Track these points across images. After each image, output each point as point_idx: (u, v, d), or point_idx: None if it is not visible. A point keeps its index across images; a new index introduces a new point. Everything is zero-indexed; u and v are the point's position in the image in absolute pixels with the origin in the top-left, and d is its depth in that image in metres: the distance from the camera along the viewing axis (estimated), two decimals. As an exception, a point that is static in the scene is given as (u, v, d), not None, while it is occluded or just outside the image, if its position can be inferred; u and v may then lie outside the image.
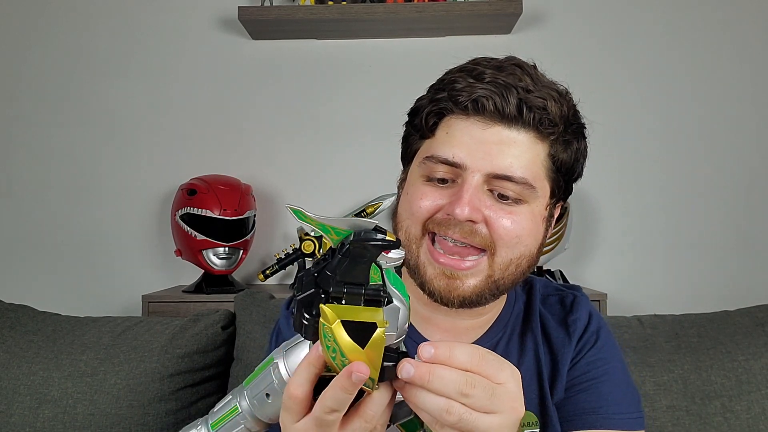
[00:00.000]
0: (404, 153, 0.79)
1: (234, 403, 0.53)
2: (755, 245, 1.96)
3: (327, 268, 0.45)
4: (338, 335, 0.43)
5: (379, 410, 0.47)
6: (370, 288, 0.45)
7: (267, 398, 0.51)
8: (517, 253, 0.71)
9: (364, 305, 0.45)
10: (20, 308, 1.25)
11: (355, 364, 0.43)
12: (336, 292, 0.45)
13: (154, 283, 1.95)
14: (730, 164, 1.96)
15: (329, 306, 0.44)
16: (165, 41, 2.01)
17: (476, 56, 0.77)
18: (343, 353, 0.43)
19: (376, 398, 0.47)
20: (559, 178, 0.74)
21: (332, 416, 0.47)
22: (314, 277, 0.46)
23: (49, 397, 1.10)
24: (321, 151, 2.00)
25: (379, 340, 0.44)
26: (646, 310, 1.83)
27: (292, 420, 0.48)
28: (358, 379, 0.43)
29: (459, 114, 0.70)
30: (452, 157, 0.69)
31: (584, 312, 0.82)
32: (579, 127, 0.75)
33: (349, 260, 0.44)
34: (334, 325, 0.43)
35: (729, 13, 1.97)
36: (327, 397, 0.46)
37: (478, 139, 0.68)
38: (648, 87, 1.97)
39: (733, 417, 1.09)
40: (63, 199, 2.01)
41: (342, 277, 0.45)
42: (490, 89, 0.68)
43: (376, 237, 0.45)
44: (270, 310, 1.23)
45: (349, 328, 0.44)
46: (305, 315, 0.46)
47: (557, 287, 0.87)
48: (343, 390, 0.44)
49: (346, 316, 0.44)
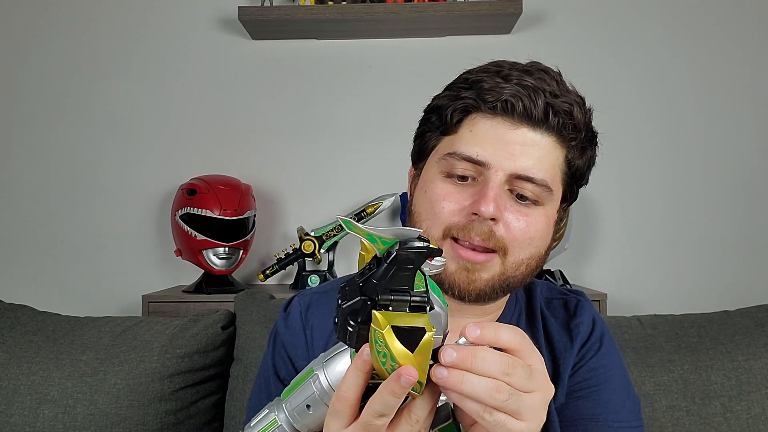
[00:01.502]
0: (419, 150, 0.79)
1: (272, 416, 0.54)
2: (755, 245, 1.96)
3: (373, 277, 0.47)
4: (389, 340, 0.44)
5: (424, 414, 0.48)
6: (415, 294, 0.46)
7: (308, 410, 0.52)
8: (528, 254, 0.72)
9: (409, 311, 0.46)
10: (20, 308, 1.25)
11: (404, 368, 0.44)
12: (383, 300, 0.46)
13: (154, 283, 1.95)
14: (730, 164, 1.96)
15: (380, 312, 0.45)
16: (165, 41, 2.01)
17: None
18: (393, 358, 0.44)
19: (421, 402, 0.48)
20: (572, 183, 0.75)
21: (380, 421, 0.47)
22: (359, 286, 0.47)
23: (49, 397, 1.10)
24: (321, 150, 2.00)
25: (428, 344, 0.45)
26: (646, 310, 1.83)
27: (340, 426, 0.49)
28: (408, 383, 0.44)
29: (486, 113, 0.70)
30: (476, 155, 0.69)
31: (587, 317, 0.82)
32: (594, 134, 0.76)
33: (395, 268, 0.46)
34: (385, 331, 0.44)
35: (729, 13, 1.97)
36: (376, 402, 0.46)
37: (503, 139, 0.69)
38: (648, 87, 1.97)
39: (733, 417, 1.09)
40: (63, 199, 2.01)
41: (388, 284, 0.46)
42: (519, 91, 0.68)
43: (421, 245, 0.46)
44: (270, 310, 1.23)
45: (398, 333, 0.45)
46: (351, 323, 0.47)
47: (561, 291, 0.87)
48: (392, 394, 0.45)
49: (396, 322, 0.45)
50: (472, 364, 0.46)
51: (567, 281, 1.78)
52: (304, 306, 0.83)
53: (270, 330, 0.87)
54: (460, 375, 0.46)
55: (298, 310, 0.83)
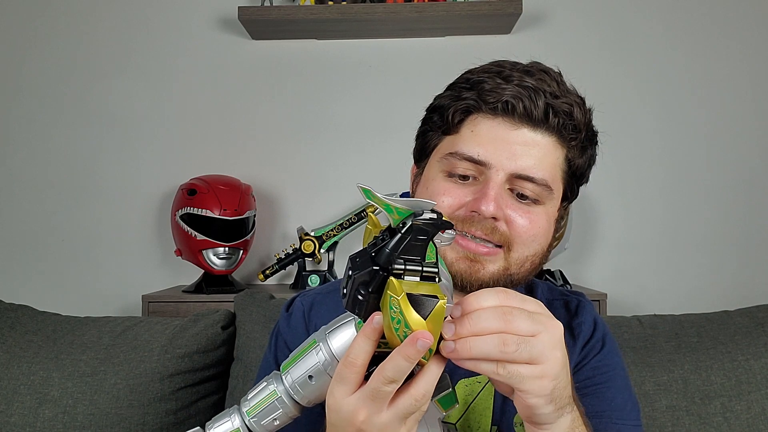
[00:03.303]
0: (420, 148, 0.79)
1: (271, 388, 0.54)
2: (755, 245, 1.96)
3: (386, 247, 0.48)
4: (404, 307, 0.45)
5: (430, 388, 0.49)
6: (427, 264, 0.48)
7: (310, 380, 0.52)
8: (532, 251, 0.73)
9: (421, 281, 0.47)
10: (20, 308, 1.25)
11: (420, 332, 0.45)
12: (397, 268, 0.47)
13: (154, 283, 1.95)
14: (730, 164, 1.96)
15: (396, 279, 0.47)
16: (165, 41, 2.01)
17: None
18: (407, 324, 0.45)
19: (427, 375, 0.48)
20: (572, 182, 0.76)
21: (389, 387, 0.47)
22: (371, 256, 0.48)
23: (49, 397, 1.10)
24: (321, 150, 2.00)
25: (440, 311, 0.46)
26: (646, 310, 1.83)
27: (345, 392, 0.49)
28: (423, 346, 0.45)
29: (487, 113, 0.71)
30: (477, 155, 0.70)
31: (589, 317, 0.83)
32: (594, 134, 0.76)
33: (410, 238, 0.47)
34: (401, 297, 0.45)
35: (729, 13, 1.97)
36: (387, 368, 0.47)
37: (503, 139, 0.70)
38: (648, 87, 1.97)
39: (733, 417, 1.09)
40: (63, 199, 2.00)
41: (402, 253, 0.47)
42: (520, 92, 0.69)
43: (435, 216, 0.48)
44: (270, 310, 1.23)
45: (412, 301, 0.46)
46: (362, 292, 0.48)
47: (562, 292, 0.87)
48: (406, 358, 0.46)
49: (410, 290, 0.46)
50: (470, 326, 0.48)
51: (567, 281, 1.78)
52: (307, 306, 0.83)
53: (270, 330, 0.87)
54: (467, 342, 0.48)
55: (300, 309, 0.83)
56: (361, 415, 0.49)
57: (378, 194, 0.48)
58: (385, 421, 0.49)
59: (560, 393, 0.52)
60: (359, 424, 0.49)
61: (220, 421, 0.55)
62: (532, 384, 0.49)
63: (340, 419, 0.50)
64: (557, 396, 0.52)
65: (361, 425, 0.49)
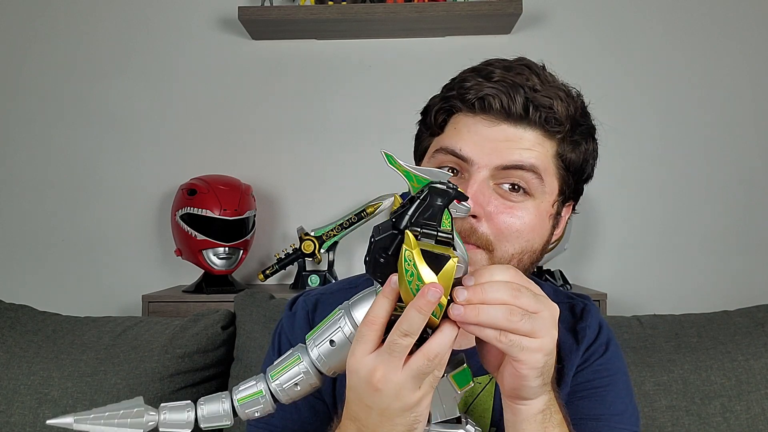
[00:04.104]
0: (415, 151, 0.80)
1: (296, 354, 0.56)
2: (755, 245, 1.96)
3: (405, 213, 0.51)
4: (418, 259, 0.48)
5: (442, 349, 0.51)
6: (442, 230, 0.51)
7: (331, 345, 0.55)
8: (518, 248, 0.70)
9: (436, 243, 0.51)
10: (20, 308, 1.25)
11: (430, 284, 0.48)
12: (414, 229, 0.50)
13: (154, 283, 1.95)
14: (731, 164, 1.96)
15: (412, 233, 0.49)
16: (165, 41, 2.01)
17: (477, 56, 0.77)
18: (420, 277, 0.48)
19: (439, 336, 0.51)
20: (568, 177, 0.74)
21: (405, 341, 0.50)
22: (392, 222, 0.51)
23: (49, 397, 1.10)
24: (321, 150, 2.00)
25: (451, 269, 0.49)
26: (646, 310, 1.83)
27: (365, 350, 0.52)
28: (434, 296, 0.48)
29: (466, 112, 0.71)
30: (460, 149, 0.70)
31: (594, 320, 0.82)
32: (589, 128, 0.75)
33: (427, 203, 0.51)
34: (415, 250, 0.48)
35: (729, 13, 1.97)
36: (402, 322, 0.50)
37: (484, 137, 0.69)
38: (648, 87, 1.97)
39: (732, 417, 1.09)
40: (63, 199, 2.01)
41: (419, 218, 0.51)
42: (498, 88, 0.69)
43: (452, 185, 0.52)
44: (270, 310, 1.23)
45: (426, 256, 0.49)
46: (383, 256, 0.51)
47: (568, 295, 0.87)
48: (419, 310, 0.49)
49: (424, 247, 0.49)
50: (482, 294, 0.51)
51: (567, 281, 1.78)
52: (310, 305, 0.82)
53: (270, 330, 0.87)
54: (475, 308, 0.51)
55: (304, 309, 0.82)
56: (378, 373, 0.51)
57: (400, 161, 0.52)
58: (401, 381, 0.51)
59: (548, 370, 0.56)
60: (376, 382, 0.51)
61: (247, 384, 0.57)
62: (529, 355, 0.53)
63: (359, 379, 0.52)
64: (546, 372, 0.55)
65: (378, 383, 0.51)
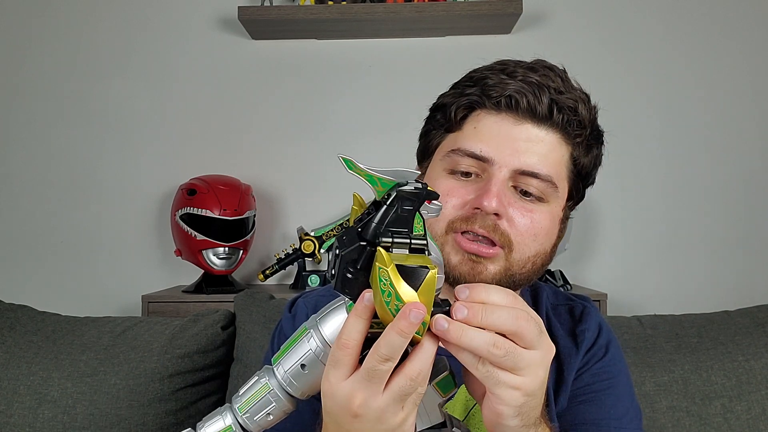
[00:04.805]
0: (423, 148, 0.78)
1: (263, 381, 0.51)
2: (755, 245, 1.96)
3: (372, 220, 0.46)
4: (394, 278, 0.43)
5: (425, 366, 0.46)
6: (415, 236, 0.46)
7: (302, 369, 0.50)
8: (534, 251, 0.71)
9: (410, 253, 0.46)
10: (20, 308, 1.25)
11: (412, 303, 0.43)
12: (384, 241, 0.45)
13: (154, 283, 1.95)
14: (731, 164, 1.96)
15: (384, 249, 0.44)
16: (165, 41, 2.01)
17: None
18: (398, 297, 0.43)
19: (421, 353, 0.46)
20: (578, 182, 0.75)
21: (385, 366, 0.45)
22: (358, 232, 0.47)
23: (49, 397, 1.10)
24: (321, 150, 2.00)
25: (432, 281, 0.44)
26: (646, 310, 1.83)
27: (340, 377, 0.47)
28: (417, 318, 0.43)
29: (490, 109, 0.70)
30: (480, 151, 0.69)
31: (593, 323, 0.82)
32: (600, 133, 0.76)
33: (395, 208, 0.46)
34: (390, 268, 0.43)
35: (729, 13, 1.97)
36: (381, 345, 0.45)
37: (506, 135, 0.69)
38: (648, 87, 1.97)
39: (733, 417, 1.09)
40: (63, 199, 2.00)
41: (389, 225, 0.46)
42: (524, 87, 0.68)
43: (419, 185, 0.47)
44: (270, 310, 1.23)
45: (402, 272, 0.44)
46: (350, 270, 0.46)
47: (567, 297, 0.86)
48: (400, 333, 0.44)
49: (399, 261, 0.44)
50: (481, 318, 0.46)
51: (567, 281, 1.78)
52: (310, 307, 0.82)
53: (270, 330, 0.87)
54: (461, 328, 0.46)
55: (304, 311, 0.82)
56: (357, 400, 0.46)
57: (360, 165, 0.46)
58: (382, 405, 0.46)
59: (529, 411, 0.51)
60: (356, 408, 0.47)
61: (212, 420, 0.52)
62: (505, 392, 0.48)
63: (336, 405, 0.48)
64: (525, 412, 0.50)
65: (358, 410, 0.47)
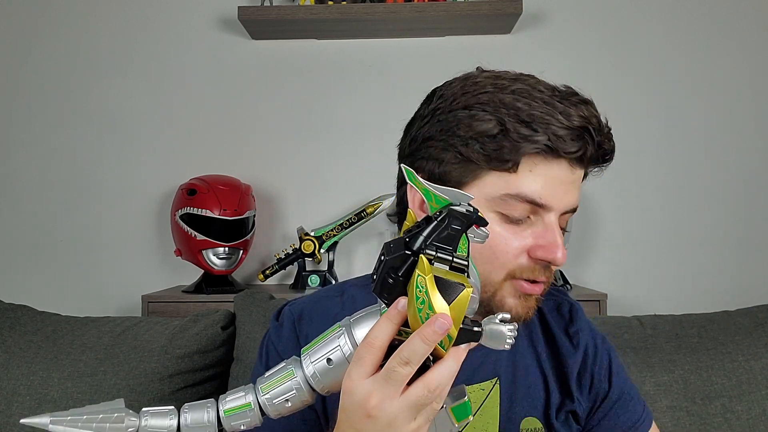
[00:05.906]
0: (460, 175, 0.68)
1: (289, 368, 0.53)
2: (755, 245, 1.96)
3: (420, 233, 0.48)
4: (431, 287, 0.45)
5: (444, 381, 0.48)
6: (458, 256, 0.48)
7: (328, 364, 0.52)
8: None
9: (450, 270, 0.48)
10: (20, 308, 1.25)
11: (440, 314, 0.45)
12: (428, 253, 0.47)
13: (154, 283, 1.95)
14: (730, 164, 1.96)
15: (426, 258, 0.47)
16: (165, 41, 2.01)
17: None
18: (430, 305, 0.45)
19: (443, 366, 0.48)
20: None
21: (405, 369, 0.47)
22: (405, 242, 0.49)
23: (49, 397, 1.10)
24: (321, 150, 2.00)
25: (465, 299, 0.46)
26: (646, 310, 1.83)
27: (362, 374, 0.49)
28: (442, 328, 0.45)
29: (545, 155, 0.65)
30: (540, 198, 0.66)
31: (584, 324, 0.84)
32: None
33: (444, 226, 0.48)
34: (428, 277, 0.46)
35: (729, 13, 1.97)
36: (404, 349, 0.47)
37: (560, 180, 0.67)
38: (648, 87, 1.97)
39: (733, 417, 1.09)
40: (63, 199, 2.00)
41: (435, 240, 0.48)
42: (578, 132, 0.65)
43: (471, 209, 0.49)
44: (270, 311, 1.23)
45: (439, 284, 0.46)
46: (392, 276, 0.48)
47: (549, 291, 0.87)
48: (424, 340, 0.45)
49: (438, 273, 0.46)
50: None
51: (567, 281, 1.78)
52: (296, 315, 0.80)
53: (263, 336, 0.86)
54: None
55: (291, 319, 0.79)
56: (373, 400, 0.48)
57: (419, 178, 0.49)
58: (396, 410, 0.48)
59: None
60: (370, 409, 0.48)
61: (235, 395, 0.54)
62: None
63: (353, 403, 0.49)
64: None
65: (372, 410, 0.48)
